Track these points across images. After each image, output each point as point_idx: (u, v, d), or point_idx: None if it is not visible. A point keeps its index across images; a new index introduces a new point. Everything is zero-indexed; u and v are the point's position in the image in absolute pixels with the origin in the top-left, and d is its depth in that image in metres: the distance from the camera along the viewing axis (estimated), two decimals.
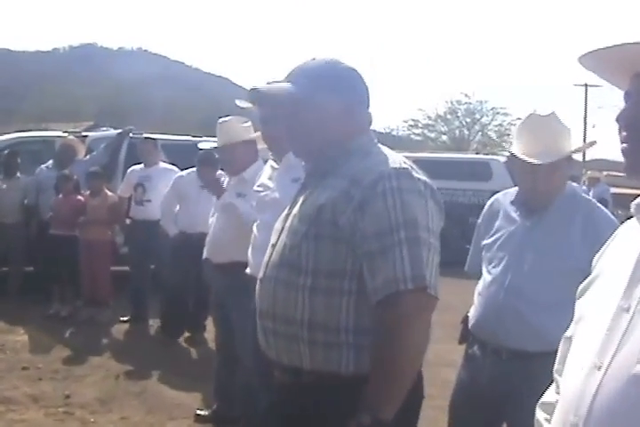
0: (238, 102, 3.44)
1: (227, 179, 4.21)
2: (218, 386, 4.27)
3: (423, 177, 1.78)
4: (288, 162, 3.00)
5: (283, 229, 1.89)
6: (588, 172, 15.58)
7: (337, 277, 1.72)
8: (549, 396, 1.43)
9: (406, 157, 1.86)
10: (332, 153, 1.87)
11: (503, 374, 2.48)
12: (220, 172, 4.71)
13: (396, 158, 1.80)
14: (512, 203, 2.61)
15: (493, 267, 2.56)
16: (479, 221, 2.78)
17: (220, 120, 4.12)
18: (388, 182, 1.69)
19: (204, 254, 4.21)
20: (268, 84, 1.92)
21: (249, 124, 4.03)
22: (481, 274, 2.64)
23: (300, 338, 1.75)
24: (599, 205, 2.59)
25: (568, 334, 1.42)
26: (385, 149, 1.88)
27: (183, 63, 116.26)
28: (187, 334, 6.34)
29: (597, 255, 1.39)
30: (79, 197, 7.05)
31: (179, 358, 5.79)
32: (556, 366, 1.44)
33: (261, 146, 3.97)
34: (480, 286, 2.63)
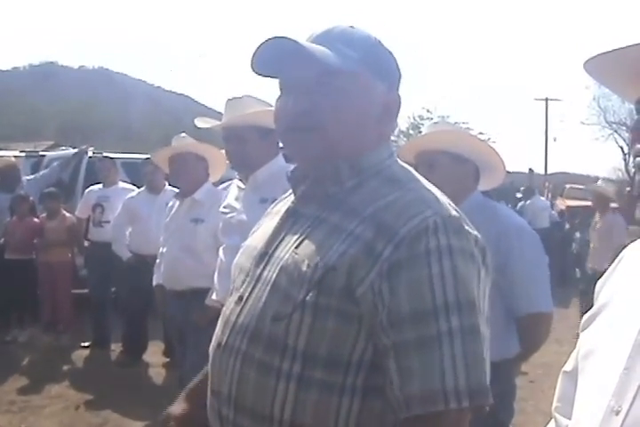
0: (197, 122, 3.31)
1: (176, 203, 3.95)
2: None
3: (473, 230, 1.23)
4: (255, 181, 2.84)
5: (257, 277, 1.31)
6: (550, 185, 15.64)
7: (339, 367, 1.18)
8: None
9: None
10: (342, 168, 1.31)
11: None
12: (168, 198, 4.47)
13: (440, 195, 1.27)
14: None
15: None
16: None
17: (176, 136, 4.10)
18: (435, 238, 1.15)
19: (155, 280, 4.02)
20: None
21: (202, 144, 3.95)
22: None
23: None
24: None
25: (568, 368, 1.29)
26: (413, 172, 1.35)
27: (144, 81, 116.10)
28: (165, 360, 6.09)
29: (601, 281, 1.25)
30: (35, 219, 6.81)
31: (143, 387, 5.54)
32: (555, 404, 1.30)
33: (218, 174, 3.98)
34: None
